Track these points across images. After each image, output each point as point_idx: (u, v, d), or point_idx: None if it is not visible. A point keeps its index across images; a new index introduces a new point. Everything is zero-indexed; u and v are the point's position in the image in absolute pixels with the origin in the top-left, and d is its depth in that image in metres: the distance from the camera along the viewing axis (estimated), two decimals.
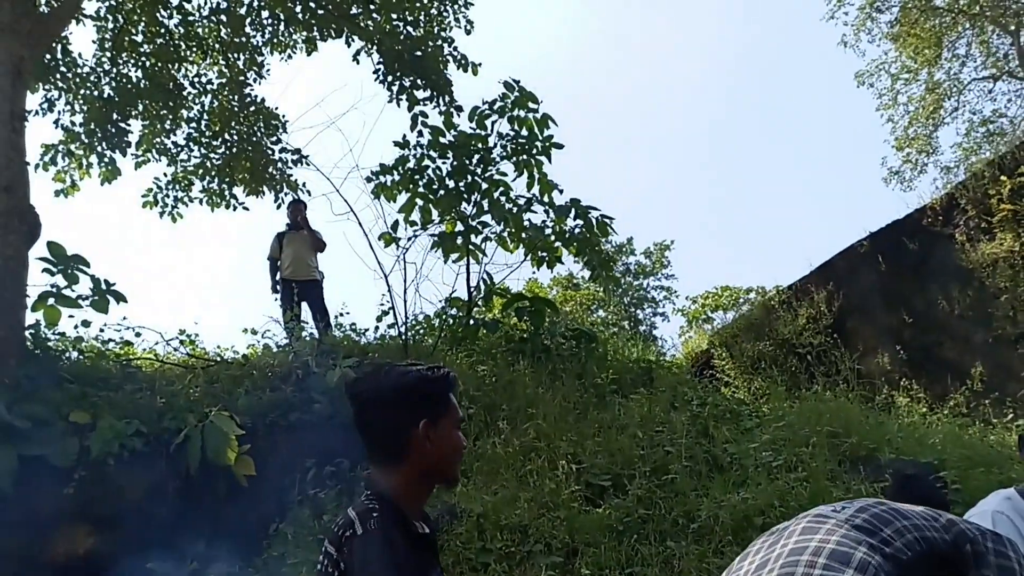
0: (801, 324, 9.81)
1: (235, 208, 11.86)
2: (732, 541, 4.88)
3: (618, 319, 31.30)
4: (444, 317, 9.26)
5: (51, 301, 7.60)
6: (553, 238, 9.35)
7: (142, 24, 11.09)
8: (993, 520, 2.27)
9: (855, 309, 9.44)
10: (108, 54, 10.99)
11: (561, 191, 9.29)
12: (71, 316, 7.67)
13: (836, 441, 5.99)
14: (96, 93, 10.95)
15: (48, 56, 10.26)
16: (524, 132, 9.47)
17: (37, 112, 10.62)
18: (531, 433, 6.44)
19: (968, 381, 8.03)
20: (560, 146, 9.53)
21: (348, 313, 9.93)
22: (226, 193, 11.80)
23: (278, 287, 9.77)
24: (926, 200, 9.24)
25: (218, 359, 8.37)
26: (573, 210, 9.20)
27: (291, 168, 11.74)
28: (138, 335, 8.25)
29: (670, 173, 53.49)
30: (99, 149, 11.02)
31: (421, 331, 9.32)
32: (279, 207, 11.64)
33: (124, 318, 8.36)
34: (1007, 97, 22.35)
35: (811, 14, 45.46)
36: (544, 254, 9.39)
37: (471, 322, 9.08)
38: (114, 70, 11.06)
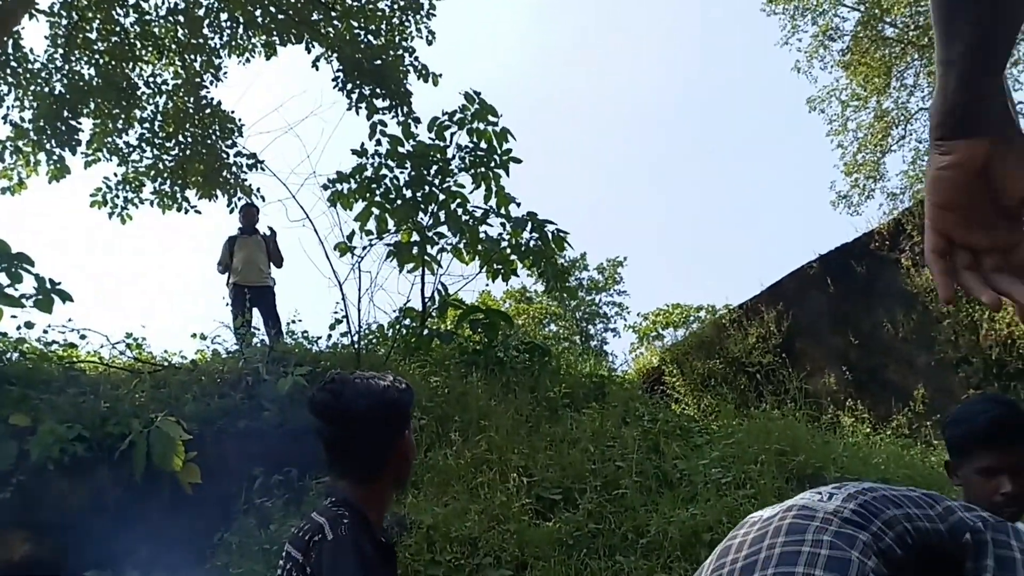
0: (751, 343, 9.95)
1: (187, 211, 11.70)
2: (681, 557, 4.91)
3: (570, 333, 31.49)
4: (398, 327, 9.21)
5: None
6: (509, 251, 9.38)
7: (97, 21, 10.91)
8: None
9: (804, 330, 9.61)
10: (61, 50, 10.78)
11: (518, 204, 9.33)
12: (14, 316, 7.47)
13: (784, 459, 6.07)
14: (47, 89, 10.72)
15: None
16: (483, 145, 9.50)
17: None
18: (483, 445, 6.42)
19: (911, 403, 8.21)
20: (518, 160, 9.57)
21: (300, 320, 9.83)
22: (178, 195, 11.64)
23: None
24: (874, 224, 9.47)
25: (166, 364, 8.21)
26: (529, 223, 9.24)
27: (246, 172, 11.62)
28: (83, 337, 8.06)
29: (625, 190, 54.09)
30: (48, 147, 10.79)
31: (374, 340, 9.25)
32: (232, 211, 11.50)
33: (69, 320, 8.17)
34: None
35: (767, 39, 46.36)
36: (499, 266, 9.41)
37: (424, 333, 9.05)
38: (66, 67, 10.85)
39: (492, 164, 9.50)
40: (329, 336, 9.04)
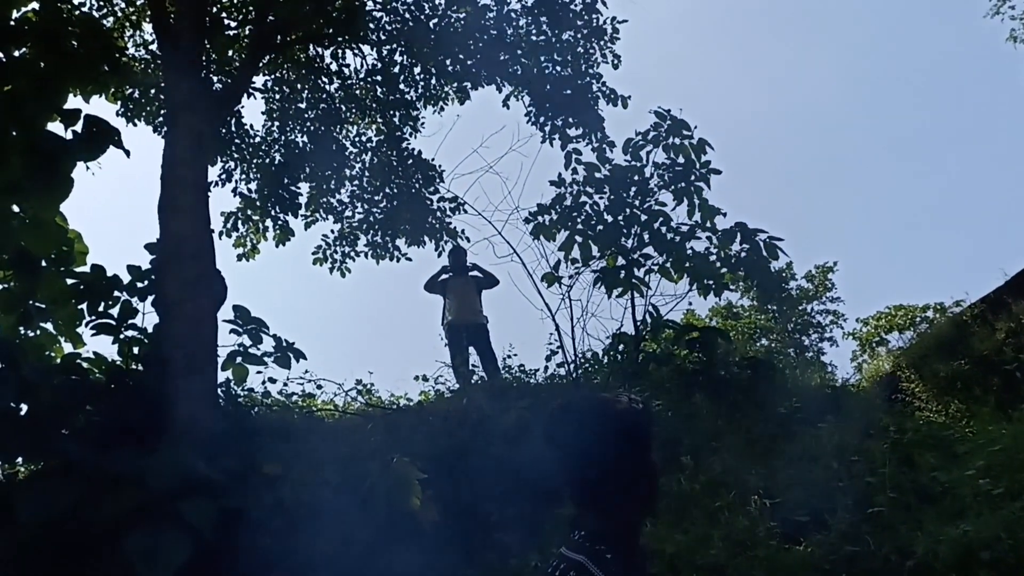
0: (1000, 339, 9.03)
1: (398, 259, 12.24)
2: None
3: (783, 346, 30.13)
4: (613, 353, 9.11)
5: (239, 360, 8.02)
6: (719, 264, 9.07)
7: (305, 91, 11.70)
8: None
9: None
10: (276, 123, 11.65)
11: (724, 215, 9.01)
12: (258, 372, 8.06)
13: None
14: (267, 160, 11.60)
15: (224, 129, 10.96)
16: (680, 160, 9.29)
17: (217, 183, 11.36)
18: (717, 468, 6.17)
19: None
20: (718, 171, 9.30)
21: (516, 355, 9.98)
22: (389, 245, 12.19)
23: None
24: None
25: (394, 407, 8.55)
26: (739, 234, 8.90)
27: (450, 216, 12.02)
28: (319, 387, 8.57)
29: (827, 193, 51.45)
30: (272, 213, 11.65)
31: (590, 368, 9.20)
32: (440, 255, 11.90)
33: (305, 371, 8.70)
34: None
35: (973, 12, 42.91)
36: (710, 282, 9.11)
37: (640, 357, 8.89)
38: (282, 137, 11.70)
39: (692, 178, 9.27)
40: (546, 368, 9.11)
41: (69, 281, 7.78)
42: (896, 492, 5.48)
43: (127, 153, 7.33)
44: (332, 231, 12.17)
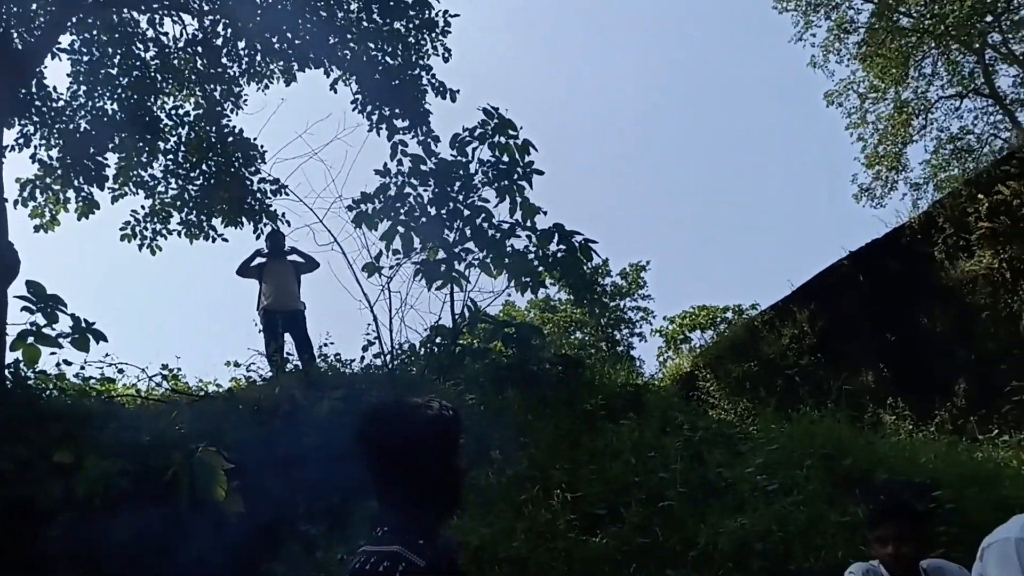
0: (785, 344, 9.86)
1: (214, 240, 11.78)
2: (732, 568, 4.84)
3: (595, 340, 31.38)
4: (429, 346, 9.19)
5: (31, 340, 7.47)
6: (536, 263, 9.33)
7: (117, 57, 11.01)
8: (1017, 550, 2.18)
9: (839, 328, 9.51)
10: (83, 87, 10.89)
11: (545, 213, 9.28)
12: (53, 354, 7.54)
13: (830, 463, 5.98)
14: (72, 127, 10.83)
15: (23, 91, 10.14)
16: (505, 158, 9.48)
17: (13, 147, 10.48)
18: (524, 462, 6.39)
19: (953, 398, 8.09)
20: (540, 172, 9.54)
21: (332, 344, 9.87)
22: (204, 225, 11.71)
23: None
24: (901, 217, 9.38)
25: (202, 393, 8.25)
26: (556, 234, 9.20)
27: (270, 199, 11.69)
28: (120, 371, 8.13)
29: (643, 194, 53.92)
30: (76, 183, 10.89)
31: (407, 360, 9.25)
32: (258, 238, 11.56)
33: (106, 355, 8.22)
34: (973, 114, 22.88)
35: (780, 36, 46.11)
36: (528, 279, 9.36)
37: (457, 350, 9.02)
38: (89, 103, 10.95)
39: (515, 177, 9.48)
40: (362, 358, 9.07)
41: None
42: (685, 487, 5.89)
43: None
44: (143, 207, 11.57)
